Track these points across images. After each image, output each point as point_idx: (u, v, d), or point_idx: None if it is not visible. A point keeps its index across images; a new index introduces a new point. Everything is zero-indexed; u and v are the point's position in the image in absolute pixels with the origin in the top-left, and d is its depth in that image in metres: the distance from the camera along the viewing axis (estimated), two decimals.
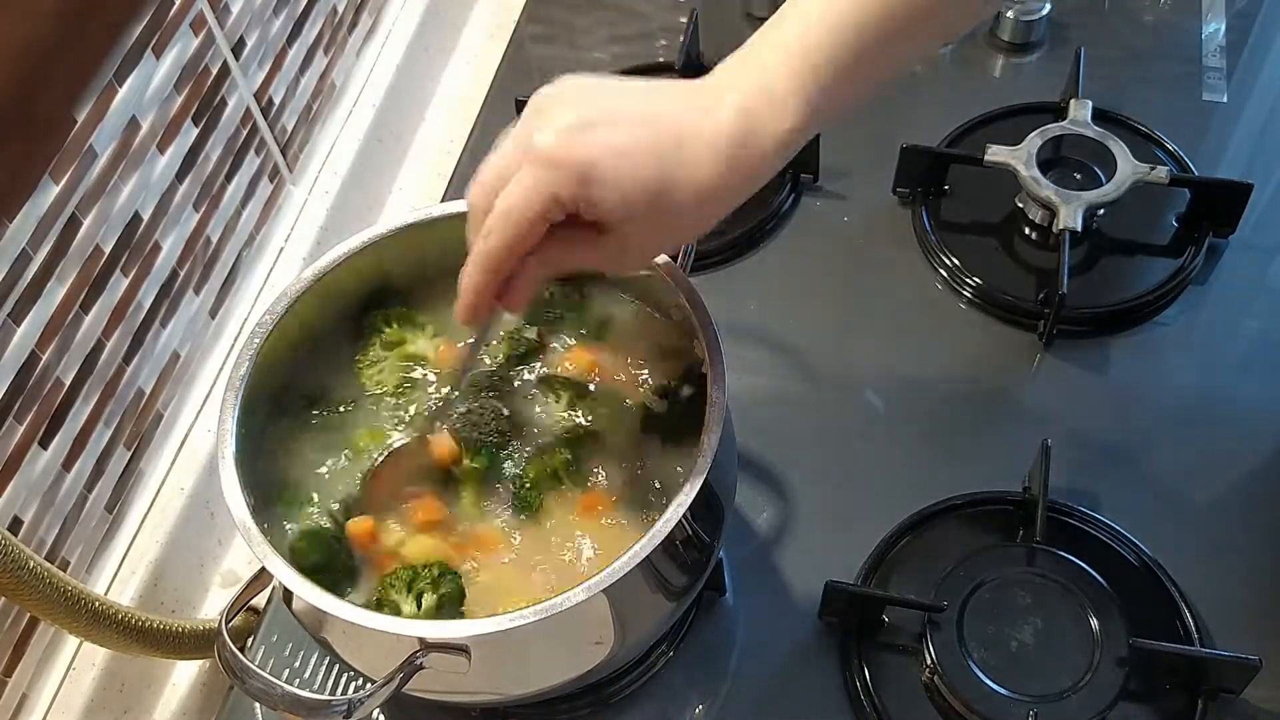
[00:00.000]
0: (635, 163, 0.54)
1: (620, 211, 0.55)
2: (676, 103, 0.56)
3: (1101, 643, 0.73)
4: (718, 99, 0.56)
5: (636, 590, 0.63)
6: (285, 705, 0.59)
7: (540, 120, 0.55)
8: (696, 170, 0.55)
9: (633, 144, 0.54)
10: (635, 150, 0.54)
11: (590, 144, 0.54)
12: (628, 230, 0.56)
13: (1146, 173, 0.93)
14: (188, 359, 0.86)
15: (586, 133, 0.54)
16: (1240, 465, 0.84)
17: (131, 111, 0.76)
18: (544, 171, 0.54)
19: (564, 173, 0.53)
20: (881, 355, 0.91)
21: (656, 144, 0.55)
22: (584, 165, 0.53)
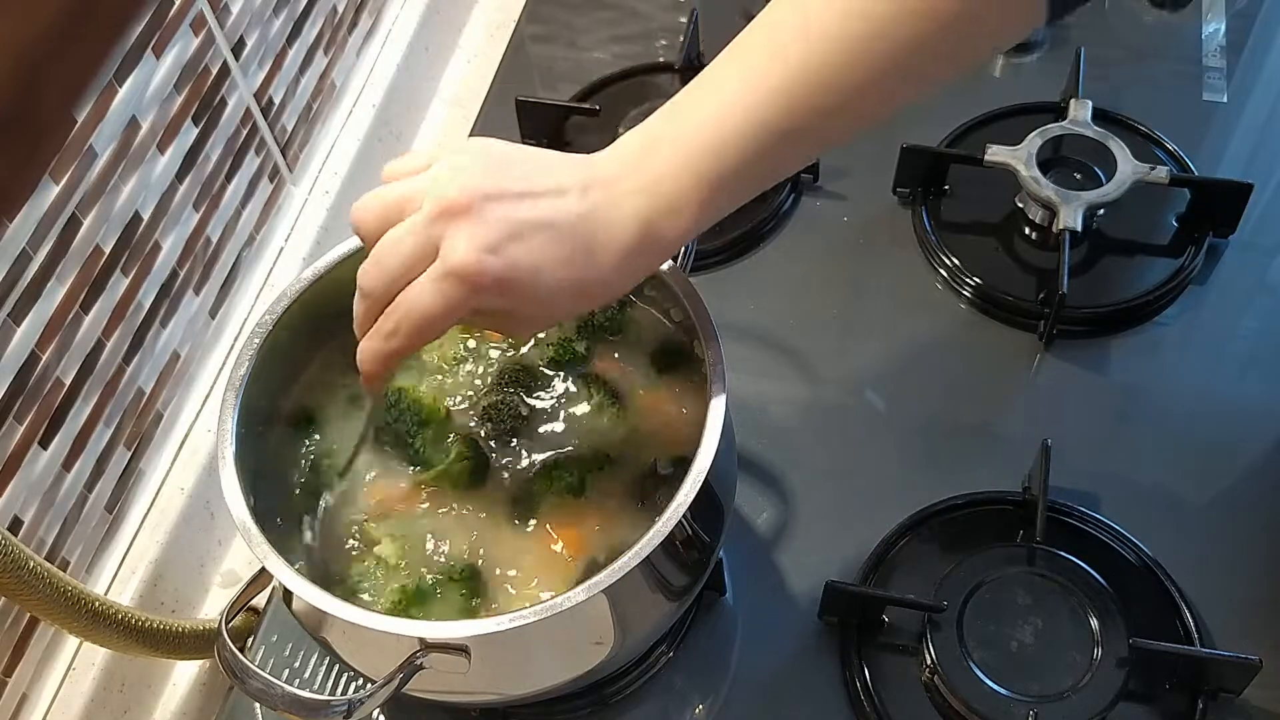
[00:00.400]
0: (549, 275, 0.56)
1: (533, 309, 0.58)
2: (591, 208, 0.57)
3: (1101, 643, 0.73)
4: (620, 205, 0.57)
5: (637, 590, 0.63)
6: (285, 705, 0.59)
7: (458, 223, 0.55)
8: (602, 272, 0.58)
9: (548, 257, 0.56)
10: (550, 263, 0.56)
11: (513, 261, 0.55)
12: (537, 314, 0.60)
13: (1146, 173, 0.93)
14: (188, 359, 0.86)
15: (510, 247, 0.55)
16: (1240, 465, 0.84)
17: (131, 111, 0.76)
18: (460, 290, 0.55)
19: (482, 293, 0.56)
20: (881, 355, 0.91)
21: (570, 254, 0.57)
22: (502, 284, 0.56)
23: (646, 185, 0.58)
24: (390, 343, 0.58)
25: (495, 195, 0.56)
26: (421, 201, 0.56)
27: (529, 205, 0.56)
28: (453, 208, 0.55)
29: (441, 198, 0.56)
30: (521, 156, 0.59)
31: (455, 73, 1.18)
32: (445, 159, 0.58)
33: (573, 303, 0.60)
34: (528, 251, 0.56)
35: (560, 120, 1.04)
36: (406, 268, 0.56)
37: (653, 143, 0.59)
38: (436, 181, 0.56)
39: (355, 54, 1.06)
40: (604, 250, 0.57)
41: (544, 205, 0.56)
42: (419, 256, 0.56)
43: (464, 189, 0.56)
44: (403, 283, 0.56)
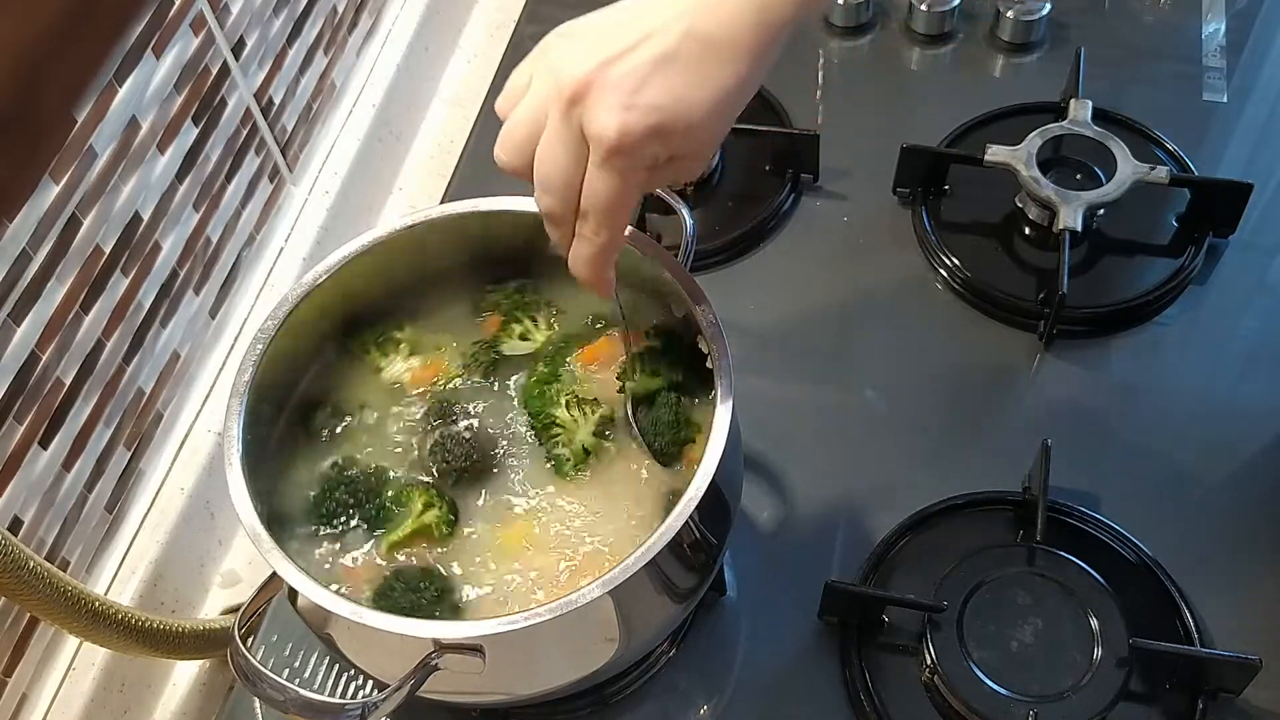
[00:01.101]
0: (690, 101, 0.56)
1: (692, 140, 0.57)
2: (696, 19, 0.56)
3: (1101, 643, 0.73)
4: (727, 7, 0.56)
5: (644, 590, 0.63)
6: (299, 710, 0.59)
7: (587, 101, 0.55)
8: (735, 77, 0.57)
9: (681, 85, 0.55)
10: (685, 89, 0.55)
11: (649, 108, 0.55)
12: (697, 147, 0.59)
13: (1146, 173, 0.92)
14: (188, 359, 0.86)
15: (641, 97, 0.55)
16: (1240, 465, 0.84)
17: (131, 111, 0.76)
18: (624, 159, 0.55)
19: (642, 149, 0.55)
20: (881, 355, 0.91)
21: (698, 72, 0.56)
22: (656, 131, 0.55)
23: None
24: (599, 239, 0.58)
25: (604, 61, 0.55)
26: (546, 111, 0.56)
27: (641, 51, 0.55)
28: (575, 92, 0.55)
29: (560, 90, 0.55)
30: (600, 18, 0.59)
31: (455, 73, 1.18)
32: (540, 61, 0.58)
33: (727, 115, 0.58)
34: (662, 92, 0.55)
35: None
36: (570, 170, 0.57)
37: None
38: (555, 80, 0.56)
39: (355, 54, 1.06)
40: (725, 55, 0.56)
41: (655, 44, 0.55)
42: (574, 153, 0.56)
43: (573, 71, 0.55)
44: (576, 188, 0.57)
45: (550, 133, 0.57)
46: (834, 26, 1.12)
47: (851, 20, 1.11)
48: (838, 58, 1.11)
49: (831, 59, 1.11)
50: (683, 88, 0.55)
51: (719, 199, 0.99)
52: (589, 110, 0.55)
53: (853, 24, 1.12)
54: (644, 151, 0.56)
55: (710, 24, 0.56)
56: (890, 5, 1.13)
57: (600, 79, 0.55)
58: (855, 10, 1.11)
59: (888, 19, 1.13)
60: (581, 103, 0.55)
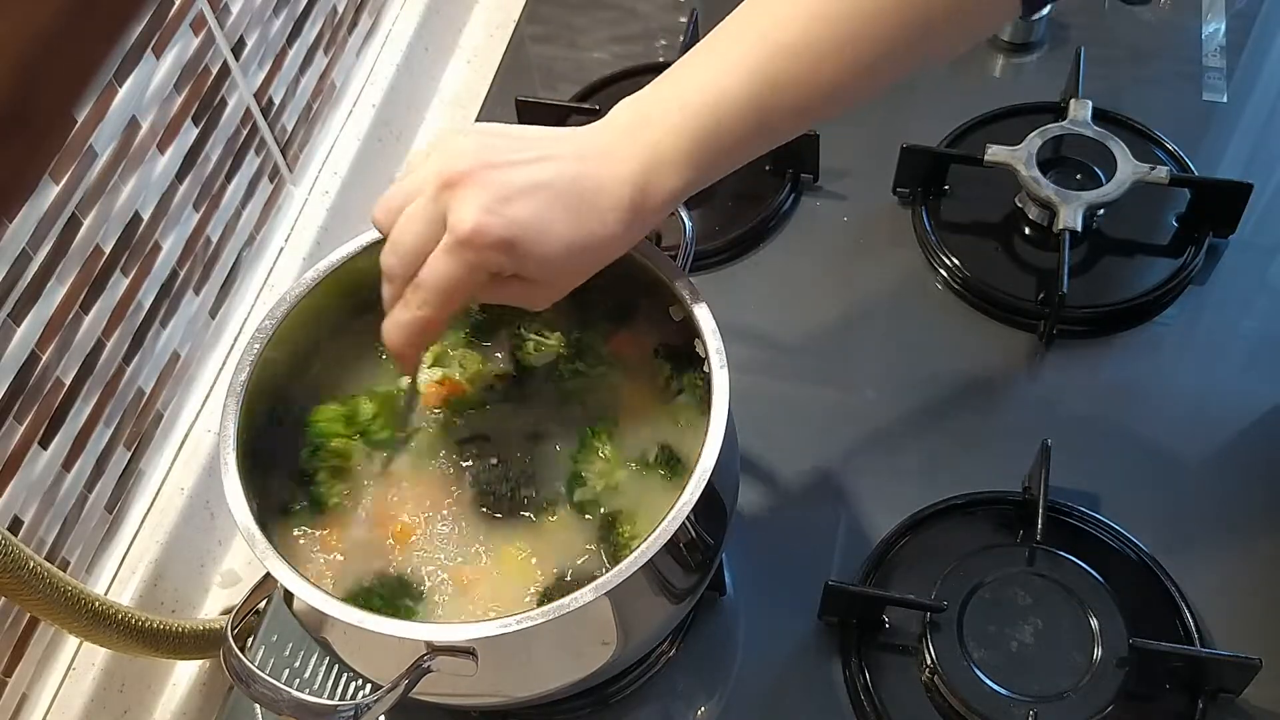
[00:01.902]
0: (551, 231, 0.59)
1: (539, 272, 0.60)
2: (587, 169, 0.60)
3: (1101, 643, 0.73)
4: (615, 165, 0.60)
5: (641, 592, 0.63)
6: (292, 711, 0.59)
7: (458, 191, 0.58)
8: (603, 229, 0.60)
9: (549, 214, 0.59)
10: (551, 220, 0.59)
11: (509, 221, 0.58)
12: (544, 278, 0.62)
13: (1146, 173, 0.93)
14: (188, 359, 0.86)
15: (508, 208, 0.58)
16: (1240, 465, 0.84)
17: (131, 111, 0.76)
18: (471, 254, 0.58)
19: (490, 253, 0.58)
20: (881, 355, 0.91)
21: (569, 211, 0.59)
22: (508, 243, 0.58)
23: (641, 149, 0.60)
24: (417, 313, 0.60)
25: (492, 163, 0.59)
26: (425, 186, 0.59)
27: (524, 169, 0.59)
28: (452, 178, 0.58)
29: (442, 171, 0.59)
30: (516, 131, 0.62)
31: (455, 73, 1.18)
32: (438, 146, 0.61)
33: (579, 260, 0.61)
34: (527, 210, 0.58)
35: (560, 120, 1.04)
36: (420, 244, 0.59)
37: (647, 108, 0.62)
38: (433, 162, 0.59)
39: (355, 54, 1.06)
40: (602, 208, 0.60)
41: (539, 168, 0.59)
42: (429, 232, 0.59)
43: (461, 160, 0.58)
44: (420, 260, 0.59)
45: (417, 204, 0.59)
46: None
47: None
48: None
49: None
50: (547, 217, 0.58)
51: (719, 199, 0.99)
52: (455, 199, 0.58)
53: None
54: (490, 256, 0.58)
55: (597, 178, 0.60)
56: None
57: (477, 177, 0.58)
58: None
59: None
60: (452, 190, 0.58)
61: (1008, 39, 1.09)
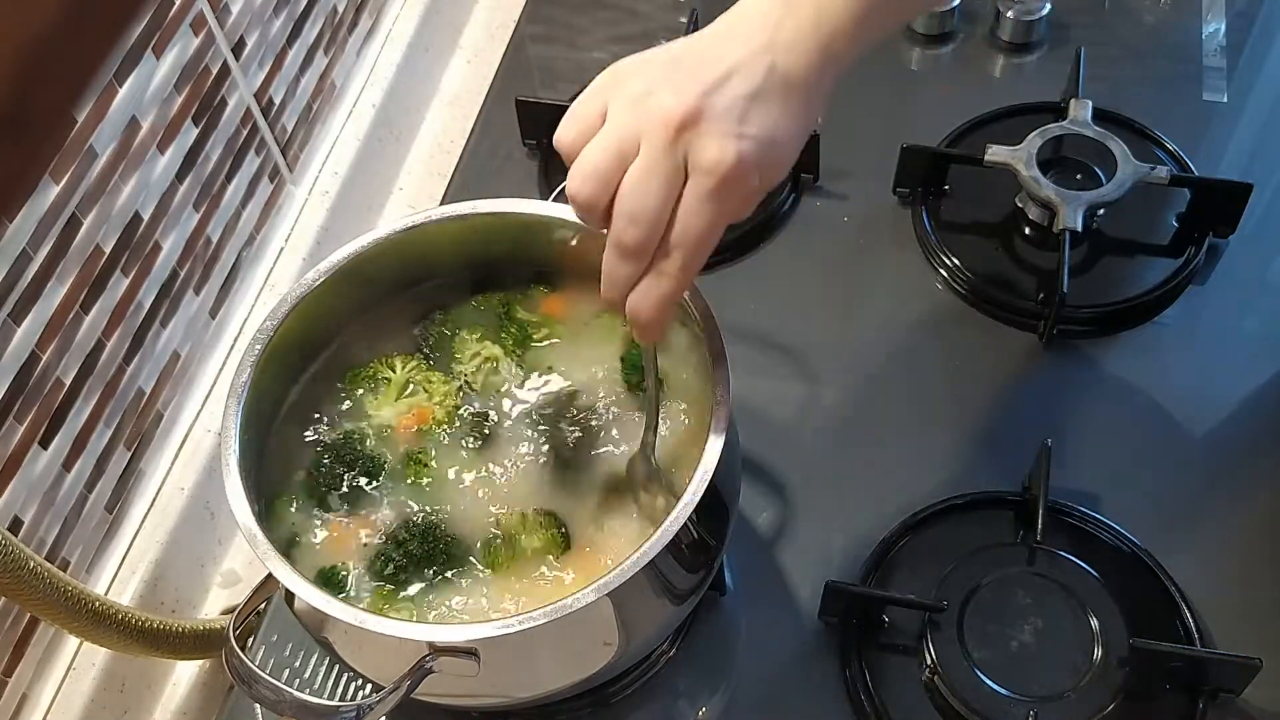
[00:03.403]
0: (786, 133, 0.56)
1: (783, 171, 0.58)
2: (767, 62, 0.56)
3: (1101, 643, 0.73)
4: (796, 46, 0.56)
5: (642, 592, 0.63)
6: (294, 711, 0.59)
7: (698, 128, 0.54)
8: (814, 110, 0.58)
9: (779, 117, 0.56)
10: (782, 121, 0.56)
11: (757, 139, 0.54)
12: (783, 172, 0.58)
13: (1147, 173, 0.92)
14: (188, 359, 0.86)
15: (748, 128, 0.54)
16: (1241, 465, 0.84)
17: (131, 111, 0.76)
18: (734, 189, 0.54)
19: (749, 181, 0.55)
20: (882, 356, 0.91)
21: (788, 108, 0.56)
22: (760, 162, 0.54)
23: (807, 16, 0.56)
24: (680, 275, 0.56)
25: (705, 90, 0.54)
26: (638, 137, 0.54)
27: (733, 83, 0.55)
28: (684, 121, 0.53)
29: (667, 117, 0.53)
30: (679, 51, 0.57)
31: (455, 73, 1.18)
32: (617, 91, 0.56)
33: (799, 147, 0.59)
34: (760, 123, 0.55)
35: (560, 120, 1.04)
36: (666, 202, 0.54)
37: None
38: (646, 110, 0.54)
39: (355, 54, 1.06)
40: (801, 88, 0.56)
41: (740, 79, 0.55)
42: (672, 184, 0.54)
43: (679, 98, 0.54)
44: (666, 219, 0.55)
45: (646, 163, 0.54)
46: None
47: None
48: None
49: None
50: (775, 122, 0.55)
51: None
52: (698, 139, 0.53)
53: None
54: (749, 182, 0.55)
55: (788, 64, 0.56)
56: None
57: (707, 108, 0.53)
58: None
59: None
60: (690, 131, 0.53)
61: (1008, 39, 1.09)
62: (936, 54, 1.10)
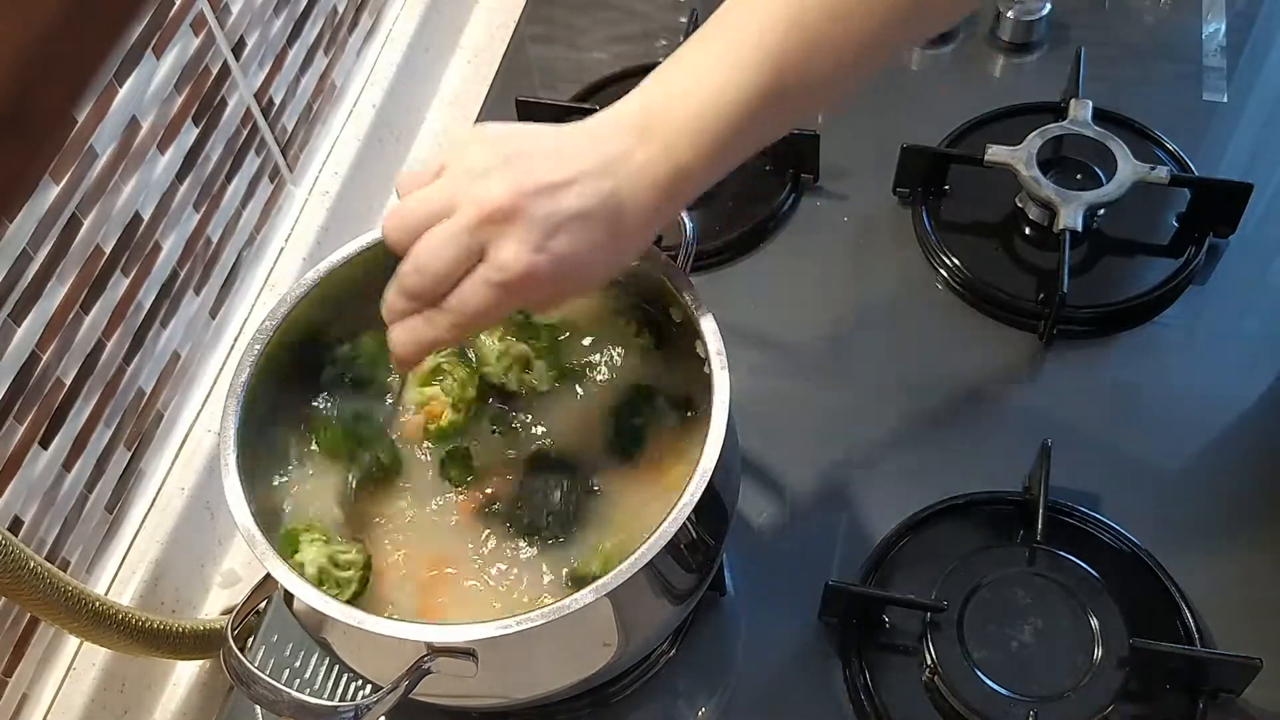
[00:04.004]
0: (596, 260, 0.59)
1: (574, 292, 0.62)
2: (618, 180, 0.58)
3: (1101, 643, 0.73)
4: (640, 175, 0.58)
5: (641, 593, 0.63)
6: (292, 711, 0.59)
7: (505, 228, 0.56)
8: (632, 241, 0.60)
9: (591, 244, 0.57)
10: (593, 249, 0.58)
11: (556, 258, 0.56)
12: (576, 295, 0.63)
13: (1147, 173, 0.92)
14: (188, 359, 0.86)
15: (553, 243, 0.56)
16: (1240, 465, 0.84)
17: (131, 111, 0.76)
18: (514, 291, 0.57)
19: (534, 290, 0.57)
20: (882, 355, 0.91)
21: (609, 236, 0.58)
22: (550, 280, 0.57)
23: (658, 151, 0.58)
24: (439, 334, 0.59)
25: (533, 191, 0.56)
26: (454, 207, 0.57)
27: (564, 196, 0.56)
28: (496, 213, 0.56)
29: (483, 202, 0.56)
30: (531, 143, 0.59)
31: (455, 73, 1.18)
32: (459, 160, 0.58)
33: (607, 273, 0.62)
34: (570, 243, 0.57)
35: (560, 120, 1.04)
36: (452, 271, 0.57)
37: (655, 105, 0.59)
38: (471, 185, 0.57)
39: (355, 54, 1.06)
40: (632, 222, 0.59)
41: (576, 193, 0.57)
42: (463, 260, 0.57)
43: (504, 190, 0.56)
44: (447, 285, 0.57)
45: (449, 231, 0.56)
46: None
47: None
48: None
49: None
50: (588, 248, 0.57)
51: (719, 199, 0.99)
52: (500, 237, 0.56)
53: None
54: (532, 292, 0.57)
55: (628, 191, 0.58)
56: None
57: (520, 212, 0.56)
58: None
59: None
60: (496, 227, 0.56)
61: (1008, 39, 1.09)
62: (936, 54, 1.10)
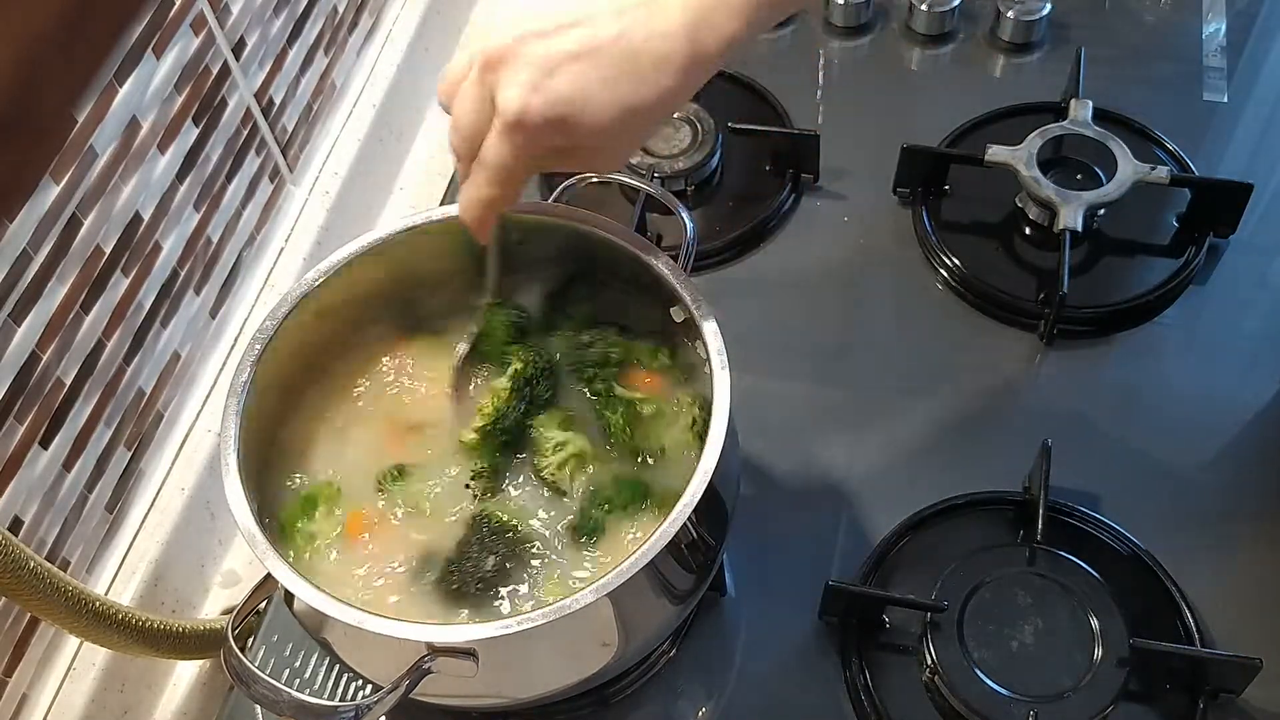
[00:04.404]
0: (600, 100, 0.57)
1: (595, 138, 0.58)
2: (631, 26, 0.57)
3: (1101, 643, 0.73)
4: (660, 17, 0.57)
5: (642, 593, 0.63)
6: (292, 711, 0.59)
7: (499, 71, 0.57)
8: (654, 89, 0.57)
9: (596, 82, 0.56)
10: (599, 88, 0.57)
11: (557, 96, 0.56)
12: (604, 144, 0.60)
13: (1147, 173, 0.93)
14: (188, 359, 0.86)
15: (551, 82, 0.56)
16: (1240, 465, 0.84)
17: (132, 111, 0.76)
18: (521, 135, 0.57)
19: (541, 132, 0.57)
20: (881, 355, 0.91)
21: (617, 76, 0.57)
22: (557, 120, 0.57)
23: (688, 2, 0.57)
24: (484, 191, 0.60)
25: (529, 35, 0.56)
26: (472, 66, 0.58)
27: (562, 37, 0.56)
28: (492, 57, 0.57)
29: (482, 49, 0.57)
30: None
31: None
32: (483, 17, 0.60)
33: (634, 123, 0.59)
34: (571, 82, 0.56)
35: None
36: (476, 124, 0.59)
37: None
38: (476, 36, 0.58)
39: (356, 54, 1.06)
40: (650, 65, 0.57)
41: (577, 34, 0.56)
42: (482, 111, 0.58)
43: (499, 36, 0.57)
44: (479, 138, 0.59)
45: (466, 86, 0.59)
46: (834, 26, 1.12)
47: (852, 20, 1.11)
48: (838, 58, 1.11)
49: (832, 59, 1.11)
50: (596, 85, 0.56)
51: (719, 199, 0.99)
52: (499, 80, 0.57)
53: (853, 24, 1.12)
54: (542, 134, 0.57)
55: (644, 31, 0.57)
56: (890, 5, 1.13)
57: (516, 52, 0.56)
58: (855, 10, 1.11)
59: (888, 19, 1.13)
60: (494, 71, 0.57)
61: (1008, 39, 1.09)
62: (936, 54, 1.10)
